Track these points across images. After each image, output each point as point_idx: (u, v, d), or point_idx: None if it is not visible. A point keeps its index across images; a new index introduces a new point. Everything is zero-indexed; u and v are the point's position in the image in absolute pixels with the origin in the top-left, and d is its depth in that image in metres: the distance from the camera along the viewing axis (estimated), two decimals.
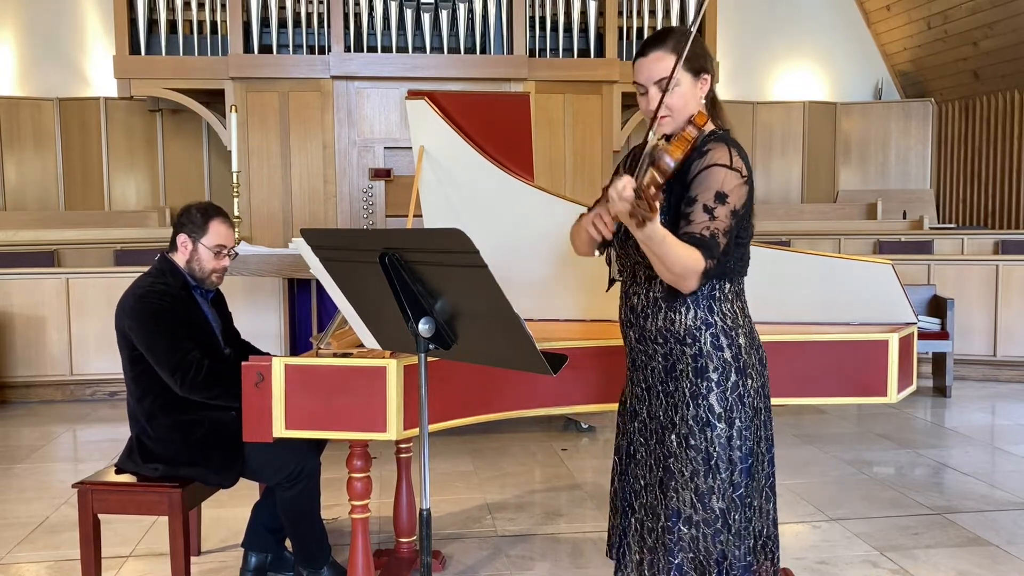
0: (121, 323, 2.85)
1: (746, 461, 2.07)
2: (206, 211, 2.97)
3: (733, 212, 2.00)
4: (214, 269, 2.96)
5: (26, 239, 7.60)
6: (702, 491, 2.05)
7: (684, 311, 2.06)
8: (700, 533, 2.06)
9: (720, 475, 2.05)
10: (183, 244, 2.94)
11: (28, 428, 5.49)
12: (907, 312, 2.95)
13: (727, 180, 1.99)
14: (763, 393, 2.13)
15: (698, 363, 2.06)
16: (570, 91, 7.92)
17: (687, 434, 2.06)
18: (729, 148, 2.03)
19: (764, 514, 2.15)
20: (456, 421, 2.52)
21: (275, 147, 7.70)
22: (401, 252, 1.81)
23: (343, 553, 3.13)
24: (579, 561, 3.37)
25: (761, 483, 2.14)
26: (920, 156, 10.52)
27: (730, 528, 2.06)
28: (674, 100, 2.04)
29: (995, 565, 3.32)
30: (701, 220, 1.97)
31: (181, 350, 2.80)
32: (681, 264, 1.92)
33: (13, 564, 3.40)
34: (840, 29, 10.57)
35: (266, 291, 5.96)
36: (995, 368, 6.70)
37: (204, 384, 2.79)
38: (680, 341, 2.07)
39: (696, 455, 2.05)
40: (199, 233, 2.92)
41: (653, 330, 2.10)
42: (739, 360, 2.07)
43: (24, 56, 9.12)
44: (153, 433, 2.87)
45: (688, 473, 2.06)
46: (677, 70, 1.99)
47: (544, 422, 5.46)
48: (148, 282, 2.90)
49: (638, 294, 2.13)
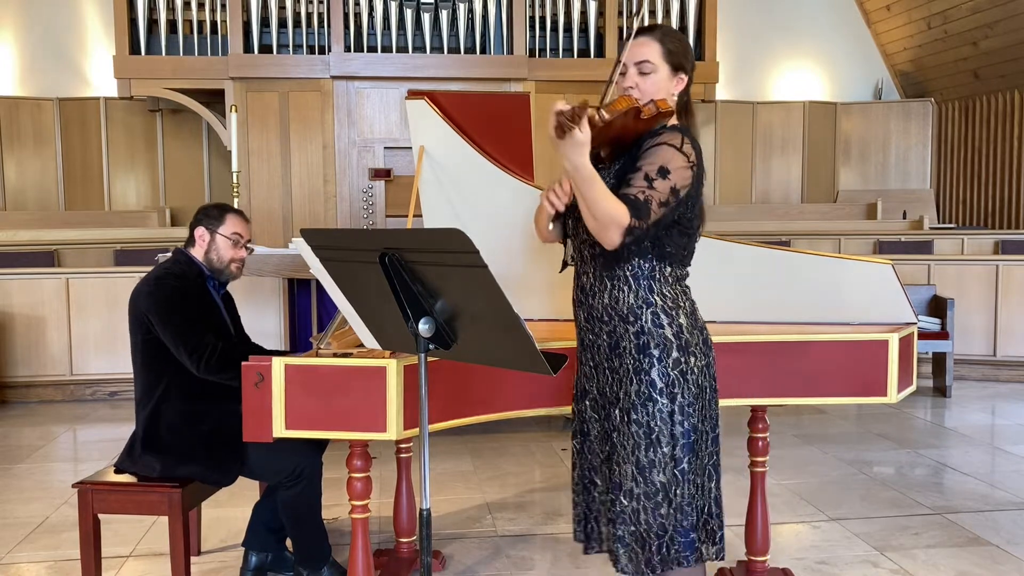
0: (137, 307, 2.90)
1: (688, 437, 2.11)
2: (222, 206, 3.11)
3: (673, 189, 2.05)
4: (232, 258, 3.04)
5: (26, 239, 7.61)
6: (643, 464, 2.10)
7: (627, 289, 2.13)
8: (640, 506, 2.11)
9: (661, 448, 2.09)
10: (201, 236, 3.03)
11: (28, 428, 5.49)
12: (907, 312, 2.95)
13: (673, 159, 2.06)
14: (708, 373, 2.17)
15: (640, 340, 2.11)
16: (570, 91, 7.92)
17: (629, 408, 2.11)
18: (683, 136, 2.11)
19: (707, 492, 2.18)
20: (456, 421, 2.52)
21: (275, 147, 7.70)
22: (401, 252, 1.81)
23: (343, 553, 3.14)
24: (579, 561, 3.37)
25: (704, 461, 2.16)
26: (920, 156, 10.52)
27: (671, 502, 2.10)
28: (646, 84, 2.14)
29: (995, 565, 3.32)
30: (639, 185, 2.03)
31: (198, 332, 2.86)
32: (604, 210, 1.97)
33: (13, 564, 3.40)
34: (840, 29, 10.57)
35: (266, 291, 5.96)
36: (995, 368, 6.70)
37: (219, 365, 2.84)
38: (623, 319, 2.13)
39: (638, 429, 2.10)
40: (216, 224, 3.03)
41: (600, 308, 2.16)
42: (680, 338, 2.12)
43: (24, 56, 9.12)
44: (162, 420, 2.89)
45: (630, 447, 2.11)
46: (652, 51, 2.12)
47: (544, 422, 5.46)
48: (164, 267, 3.01)
49: (586, 273, 2.20)
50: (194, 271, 3.01)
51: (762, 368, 2.70)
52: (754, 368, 2.71)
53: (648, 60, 2.12)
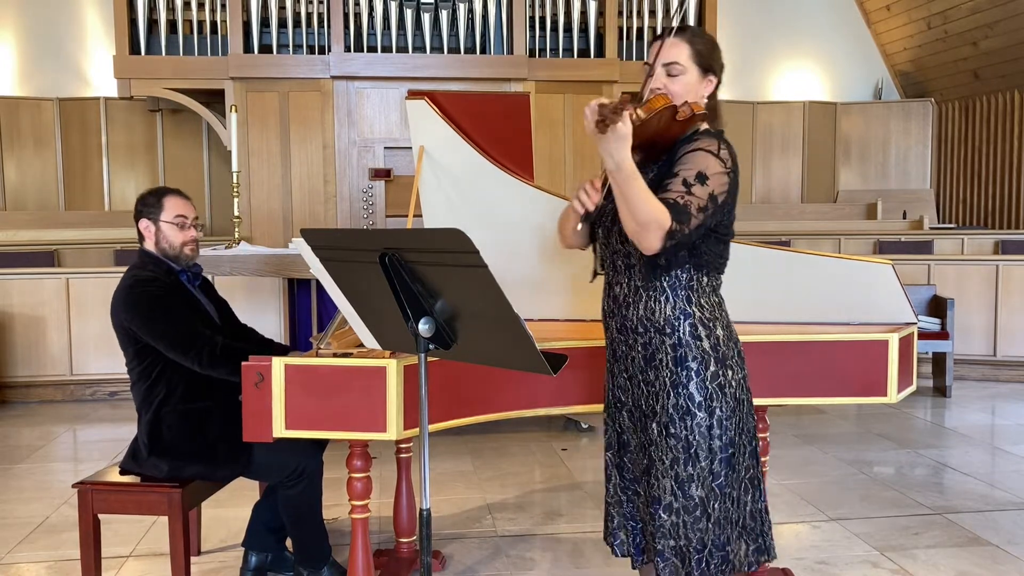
0: (118, 319, 2.85)
1: (726, 451, 2.09)
2: (157, 191, 3.01)
3: (711, 196, 2.01)
4: (184, 242, 2.95)
5: (26, 239, 7.61)
6: (682, 479, 2.08)
7: (663, 300, 2.09)
8: (680, 520, 2.09)
9: (700, 463, 2.07)
10: (146, 229, 2.95)
11: (28, 428, 5.49)
12: (907, 312, 2.95)
13: (711, 165, 2.03)
14: (745, 386, 2.16)
15: (677, 352, 2.08)
16: (570, 91, 7.92)
17: (667, 422, 2.09)
18: (719, 141, 2.08)
19: (741, 505, 2.16)
20: (456, 421, 2.52)
21: (275, 147, 7.70)
22: (401, 252, 1.81)
23: (343, 553, 3.13)
24: (579, 561, 3.37)
25: (741, 475, 2.14)
26: (920, 156, 10.52)
27: (709, 516, 2.09)
28: (676, 87, 2.09)
29: (995, 565, 3.32)
30: (678, 190, 1.99)
31: (188, 330, 2.79)
32: (646, 212, 1.91)
33: (13, 564, 3.40)
34: (840, 29, 10.57)
35: (266, 291, 5.96)
36: (995, 368, 6.70)
37: (223, 358, 2.77)
38: (660, 331, 2.09)
39: (676, 443, 2.08)
40: (155, 212, 2.94)
41: (634, 319, 2.13)
42: (718, 351, 2.09)
43: (24, 56, 9.13)
44: (164, 424, 2.86)
45: (668, 461, 2.09)
46: (682, 53, 2.08)
47: (544, 422, 5.46)
48: (132, 274, 2.90)
49: (620, 283, 2.16)
50: (162, 268, 2.92)
51: (762, 368, 2.70)
52: (754, 368, 2.69)
53: (677, 62, 2.08)
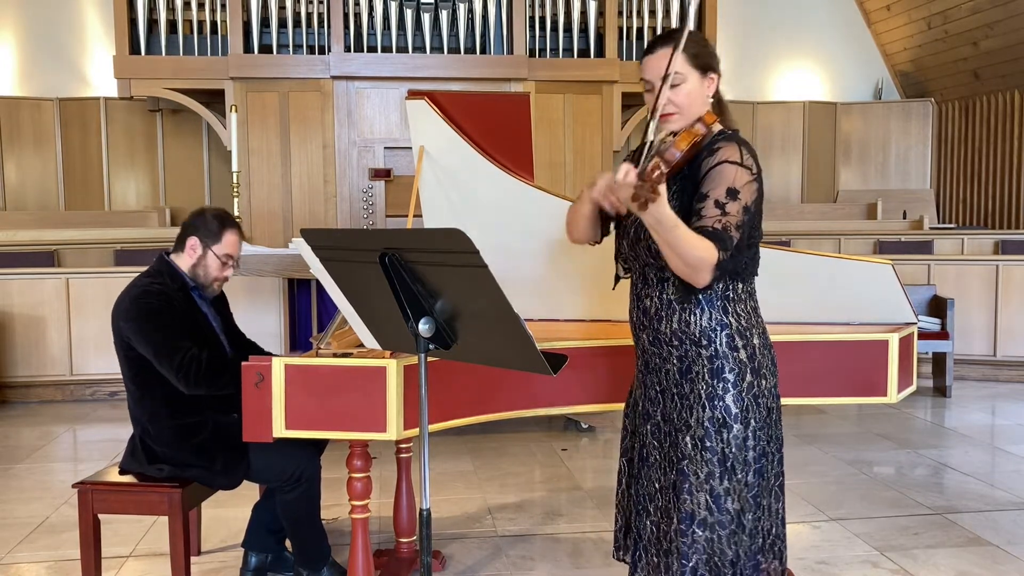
0: (117, 325, 2.82)
1: (759, 461, 2.06)
2: (223, 220, 2.93)
3: (745, 208, 1.98)
4: (217, 278, 2.93)
5: (26, 239, 7.60)
6: (717, 493, 2.04)
7: (699, 312, 2.05)
8: (715, 535, 2.05)
9: (736, 476, 2.03)
10: (192, 247, 2.89)
11: (28, 428, 5.49)
12: (907, 312, 2.95)
13: (738, 177, 1.98)
14: (775, 392, 2.13)
15: (714, 364, 2.04)
16: (570, 91, 7.92)
17: (703, 436, 2.04)
18: (740, 147, 2.03)
19: (773, 513, 2.14)
20: (456, 421, 2.52)
21: (275, 147, 7.70)
22: (401, 252, 1.81)
23: (343, 553, 3.13)
24: (579, 561, 3.37)
25: (771, 482, 2.12)
26: (920, 156, 10.52)
27: (744, 528, 2.06)
28: (680, 97, 2.05)
29: (995, 565, 3.32)
30: (713, 214, 1.95)
31: (181, 348, 2.75)
32: (694, 254, 1.89)
33: (13, 564, 3.40)
34: (840, 29, 10.57)
35: (266, 291, 5.96)
36: (995, 368, 6.70)
37: (208, 377, 2.75)
38: (695, 343, 2.05)
39: (712, 457, 2.03)
40: (212, 240, 2.89)
41: (668, 332, 2.08)
42: (754, 360, 2.06)
43: (24, 56, 9.12)
44: (155, 435, 2.85)
45: (703, 475, 2.04)
46: (677, 61, 2.01)
47: (544, 422, 5.46)
48: (145, 282, 2.86)
49: (650, 296, 2.11)
50: (177, 284, 2.87)
51: None
52: None
53: (676, 72, 2.02)
